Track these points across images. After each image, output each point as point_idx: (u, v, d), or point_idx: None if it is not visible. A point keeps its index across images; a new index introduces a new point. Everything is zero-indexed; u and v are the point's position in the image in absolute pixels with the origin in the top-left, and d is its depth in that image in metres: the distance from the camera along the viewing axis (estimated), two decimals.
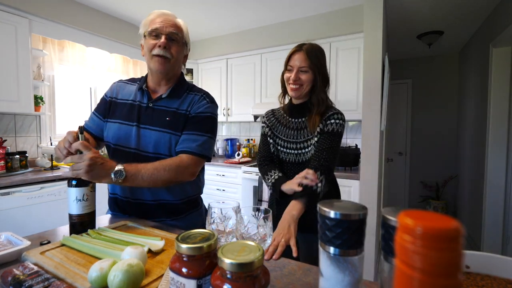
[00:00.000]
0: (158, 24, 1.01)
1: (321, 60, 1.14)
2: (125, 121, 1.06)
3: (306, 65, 1.10)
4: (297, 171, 1.11)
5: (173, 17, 1.06)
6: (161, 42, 1.01)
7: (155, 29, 1.01)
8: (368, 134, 2.32)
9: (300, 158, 1.16)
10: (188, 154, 1.00)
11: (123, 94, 1.13)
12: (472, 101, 3.37)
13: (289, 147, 1.18)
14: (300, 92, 1.13)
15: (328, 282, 0.41)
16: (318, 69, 1.11)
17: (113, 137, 1.07)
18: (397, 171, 4.48)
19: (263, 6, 2.81)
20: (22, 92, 2.29)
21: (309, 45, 1.13)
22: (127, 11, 2.97)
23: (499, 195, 2.66)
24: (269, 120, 1.28)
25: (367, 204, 1.85)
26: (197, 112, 1.06)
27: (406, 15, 2.84)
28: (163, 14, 1.05)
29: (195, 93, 1.10)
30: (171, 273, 0.44)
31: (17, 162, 2.32)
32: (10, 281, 0.56)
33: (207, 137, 1.05)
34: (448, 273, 0.23)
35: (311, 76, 1.11)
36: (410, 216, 0.24)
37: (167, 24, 1.02)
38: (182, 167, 0.97)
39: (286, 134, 1.20)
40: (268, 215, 0.61)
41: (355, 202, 0.43)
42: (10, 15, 2.22)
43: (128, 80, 1.19)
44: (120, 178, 0.87)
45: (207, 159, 1.06)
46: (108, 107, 1.12)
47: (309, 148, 1.14)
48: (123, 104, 1.10)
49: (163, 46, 1.01)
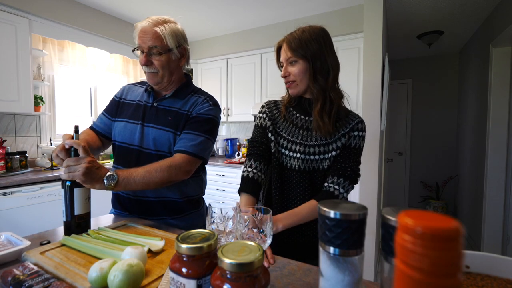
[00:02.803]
0: (139, 40, 1.03)
1: (313, 44, 0.91)
2: (131, 119, 1.10)
3: (291, 55, 0.92)
4: (301, 181, 0.95)
5: (152, 27, 1.01)
6: (142, 60, 1.03)
7: (138, 46, 1.04)
8: (368, 134, 2.30)
9: (307, 166, 0.95)
10: (182, 153, 1.00)
11: (132, 96, 1.17)
12: (472, 101, 3.36)
13: (294, 149, 0.96)
14: (296, 88, 0.95)
15: (328, 282, 0.41)
16: (307, 52, 0.91)
17: (119, 135, 1.10)
18: (397, 171, 4.48)
19: (263, 6, 2.81)
20: (22, 92, 2.29)
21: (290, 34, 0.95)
22: (127, 11, 2.96)
23: (499, 195, 2.66)
24: (271, 112, 1.04)
25: (367, 204, 1.84)
26: (198, 113, 1.07)
27: (406, 15, 2.84)
28: (142, 27, 1.03)
29: (199, 96, 1.11)
30: (171, 273, 0.44)
31: (17, 162, 2.32)
32: (10, 281, 0.56)
33: (205, 138, 1.05)
34: (448, 273, 0.23)
35: (302, 66, 0.92)
36: (410, 216, 0.24)
37: (145, 39, 1.02)
38: (174, 167, 0.97)
39: (291, 132, 0.98)
40: (268, 215, 0.61)
41: (355, 202, 0.43)
42: (10, 15, 2.22)
43: (138, 83, 1.23)
44: (112, 182, 0.87)
45: (202, 160, 1.05)
46: (117, 107, 1.16)
47: (322, 155, 0.94)
48: (130, 104, 1.14)
49: (144, 63, 1.03)
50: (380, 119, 2.28)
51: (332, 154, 0.93)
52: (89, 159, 0.83)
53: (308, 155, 0.94)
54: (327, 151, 0.94)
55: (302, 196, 0.96)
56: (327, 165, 0.94)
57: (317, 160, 0.94)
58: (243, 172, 0.98)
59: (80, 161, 0.82)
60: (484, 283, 0.43)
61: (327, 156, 0.94)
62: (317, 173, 0.95)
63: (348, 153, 0.93)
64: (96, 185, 0.86)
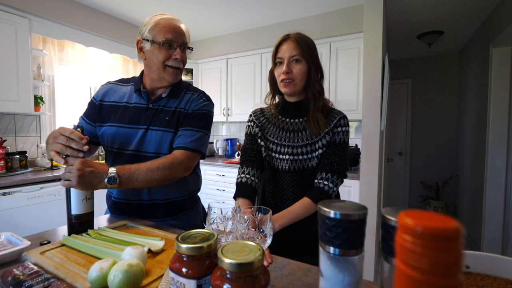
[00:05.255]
0: (171, 35, 1.01)
1: (313, 48, 0.99)
2: (122, 124, 1.05)
3: (297, 53, 0.95)
4: (292, 181, 1.00)
5: (180, 23, 1.06)
6: (178, 55, 1.02)
7: (169, 39, 1.01)
8: (368, 134, 2.32)
9: (297, 166, 0.99)
10: (182, 149, 1.00)
11: (115, 97, 1.10)
12: (472, 101, 3.36)
13: (282, 151, 1.00)
14: (294, 87, 0.97)
15: (328, 282, 0.41)
16: (311, 57, 0.97)
17: (112, 141, 1.06)
18: (397, 171, 4.48)
19: (263, 6, 2.81)
20: (22, 92, 2.29)
21: (296, 33, 0.99)
22: (127, 11, 2.97)
23: (499, 195, 2.66)
24: (258, 119, 1.09)
25: (367, 204, 1.85)
26: (194, 109, 1.07)
27: (406, 15, 2.84)
28: (173, 20, 1.04)
29: (192, 92, 1.12)
30: (171, 273, 0.44)
31: (17, 162, 2.32)
32: (10, 281, 0.56)
33: (202, 133, 1.06)
34: (448, 273, 0.23)
35: (304, 67, 0.96)
36: (410, 216, 0.24)
37: (179, 34, 1.03)
38: (176, 164, 0.97)
39: (278, 136, 1.02)
40: (268, 215, 0.61)
41: (355, 202, 0.43)
42: (10, 15, 2.22)
43: (118, 82, 1.16)
44: (114, 184, 0.87)
45: (201, 154, 1.06)
46: (98, 111, 1.09)
47: (310, 155, 0.98)
48: (116, 106, 1.08)
49: (181, 58, 1.03)
50: (380, 119, 2.28)
51: (319, 152, 0.97)
52: (78, 167, 0.81)
53: (296, 156, 0.99)
54: (314, 150, 0.98)
55: (294, 195, 1.00)
56: (316, 163, 0.99)
57: (306, 160, 0.99)
58: (237, 179, 1.03)
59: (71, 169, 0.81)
60: (484, 283, 0.43)
61: (314, 154, 0.98)
62: (306, 172, 1.00)
63: (334, 149, 0.97)
64: (97, 187, 0.86)
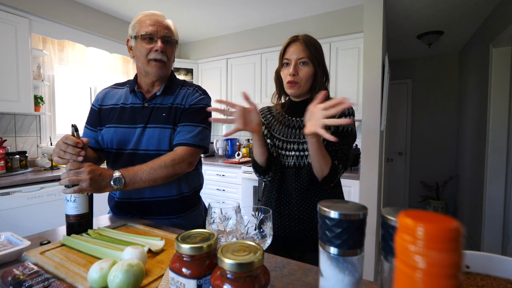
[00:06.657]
0: (151, 27, 1.01)
1: (320, 51, 1.01)
2: (120, 124, 1.06)
3: (305, 55, 0.97)
4: (298, 176, 1.00)
5: (163, 18, 1.07)
6: (158, 46, 1.01)
7: (149, 33, 1.01)
8: (368, 134, 2.32)
9: (302, 161, 1.01)
10: (183, 146, 1.00)
11: (112, 100, 1.12)
12: (472, 101, 3.36)
13: (288, 148, 1.03)
14: (300, 89, 1.00)
15: (328, 282, 0.41)
16: (318, 60, 0.99)
17: (110, 141, 1.06)
18: (397, 171, 4.48)
19: (263, 6, 2.81)
20: (22, 92, 2.29)
21: (305, 35, 1.00)
22: (127, 11, 2.97)
23: (499, 195, 2.66)
24: (265, 117, 1.12)
25: (367, 204, 1.85)
26: (191, 104, 1.07)
27: (406, 15, 2.84)
28: (153, 15, 1.05)
29: (188, 87, 1.12)
30: (171, 273, 0.44)
31: (17, 162, 2.32)
32: (10, 281, 0.56)
33: (202, 127, 1.05)
34: (448, 273, 0.23)
35: (311, 69, 0.98)
36: (410, 216, 0.24)
37: (159, 27, 1.02)
38: (178, 160, 0.97)
39: (285, 133, 1.05)
40: (268, 215, 0.61)
41: (355, 202, 0.43)
42: (10, 15, 2.22)
43: (114, 85, 1.19)
44: (120, 185, 0.88)
45: (203, 149, 1.06)
46: (98, 116, 1.11)
47: None
48: (113, 109, 1.10)
49: (161, 50, 1.02)
50: (380, 119, 2.28)
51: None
52: (89, 169, 0.82)
53: (302, 152, 1.01)
54: None
55: (298, 190, 1.01)
56: None
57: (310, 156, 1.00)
58: None
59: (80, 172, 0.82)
60: (484, 283, 0.43)
61: None
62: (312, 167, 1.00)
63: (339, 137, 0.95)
64: (106, 189, 0.87)
